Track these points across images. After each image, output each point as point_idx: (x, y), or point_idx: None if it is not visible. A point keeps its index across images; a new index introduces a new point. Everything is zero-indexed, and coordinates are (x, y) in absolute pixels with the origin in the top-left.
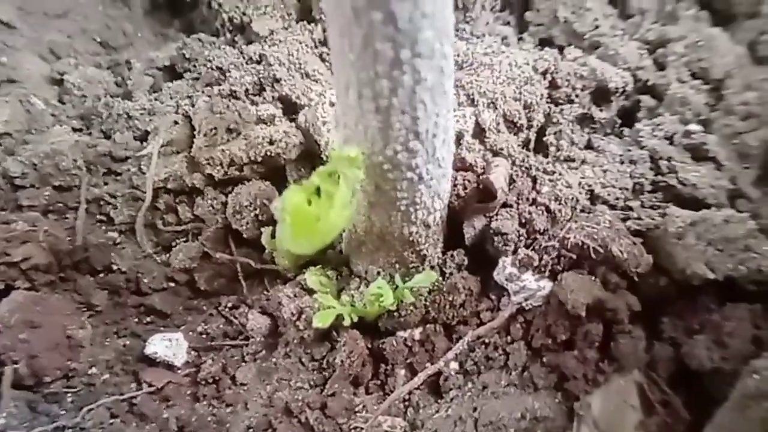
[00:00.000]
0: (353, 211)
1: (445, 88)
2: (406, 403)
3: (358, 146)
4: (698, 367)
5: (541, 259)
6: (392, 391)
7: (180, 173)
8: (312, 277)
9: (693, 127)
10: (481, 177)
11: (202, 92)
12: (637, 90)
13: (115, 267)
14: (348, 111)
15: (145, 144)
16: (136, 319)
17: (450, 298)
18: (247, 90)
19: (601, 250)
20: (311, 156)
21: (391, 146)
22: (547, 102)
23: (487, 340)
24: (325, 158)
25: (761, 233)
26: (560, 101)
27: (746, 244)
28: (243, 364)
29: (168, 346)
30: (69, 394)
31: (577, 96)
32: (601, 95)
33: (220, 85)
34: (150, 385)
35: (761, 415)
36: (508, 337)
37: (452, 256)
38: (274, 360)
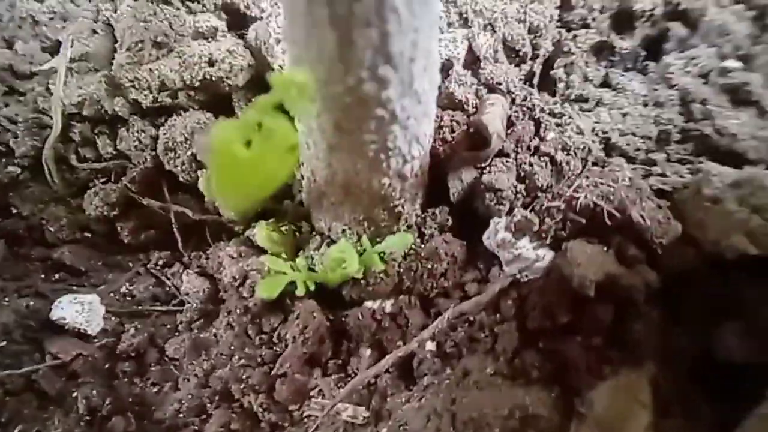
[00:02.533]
0: (309, 156)
1: None
2: (372, 388)
3: (310, 69)
4: (727, 360)
5: (542, 223)
6: (355, 374)
7: (98, 97)
8: (262, 232)
9: (731, 63)
10: (472, 118)
11: None
12: (667, 15)
13: (14, 210)
14: (295, 20)
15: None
16: (42, 276)
17: (429, 266)
18: None
19: (618, 215)
20: (264, 83)
21: (354, 72)
22: (557, 26)
23: (471, 318)
24: None
25: None
26: (573, 26)
27: None
28: (175, 334)
29: (79, 310)
30: None
31: (594, 19)
32: (624, 20)
33: None
34: (55, 358)
35: None
36: (497, 316)
37: (433, 214)
38: (213, 331)
